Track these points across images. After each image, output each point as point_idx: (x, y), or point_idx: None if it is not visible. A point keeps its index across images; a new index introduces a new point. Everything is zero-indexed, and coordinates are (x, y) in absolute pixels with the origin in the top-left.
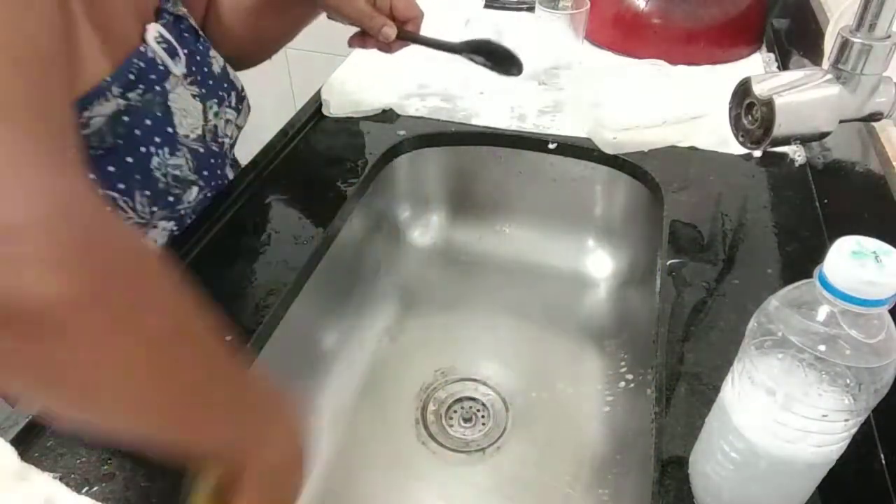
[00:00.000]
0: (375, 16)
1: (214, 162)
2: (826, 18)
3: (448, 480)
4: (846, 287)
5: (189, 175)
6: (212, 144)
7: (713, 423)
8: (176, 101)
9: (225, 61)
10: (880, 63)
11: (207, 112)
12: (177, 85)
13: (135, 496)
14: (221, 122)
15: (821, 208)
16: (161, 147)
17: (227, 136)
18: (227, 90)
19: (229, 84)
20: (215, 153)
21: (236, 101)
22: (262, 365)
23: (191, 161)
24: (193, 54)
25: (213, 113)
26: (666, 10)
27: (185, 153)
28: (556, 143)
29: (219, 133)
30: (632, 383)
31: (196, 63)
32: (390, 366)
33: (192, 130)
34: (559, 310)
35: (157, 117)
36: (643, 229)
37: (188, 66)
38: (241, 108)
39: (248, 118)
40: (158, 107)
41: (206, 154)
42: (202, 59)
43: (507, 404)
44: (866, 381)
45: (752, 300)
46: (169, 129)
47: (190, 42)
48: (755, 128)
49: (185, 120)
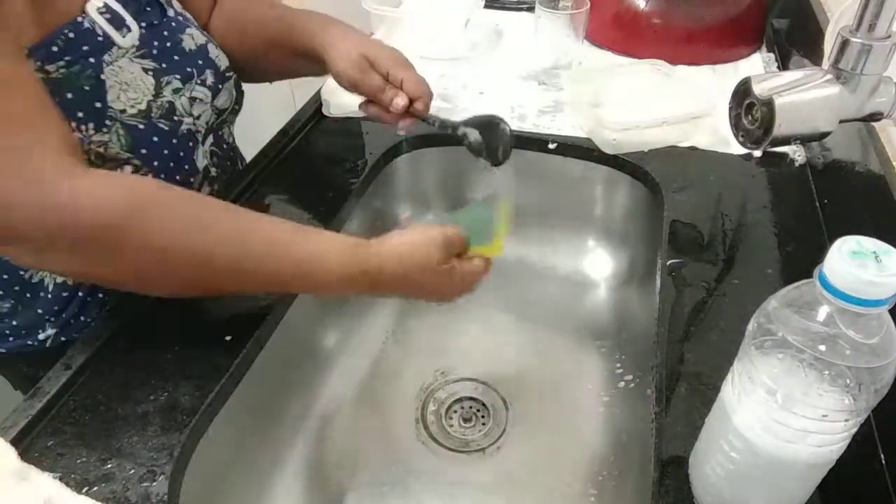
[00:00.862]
0: (388, 89)
1: (159, 141)
2: (826, 18)
3: (448, 480)
4: (846, 287)
5: (121, 153)
6: (160, 122)
7: (713, 423)
8: (117, 74)
9: (211, 41)
10: (880, 63)
11: (162, 88)
12: (120, 57)
13: (135, 496)
14: (183, 100)
15: (821, 208)
16: (84, 122)
17: (189, 115)
18: (201, 68)
19: (206, 62)
20: (163, 132)
21: (214, 79)
22: (263, 365)
23: (124, 138)
24: (157, 28)
25: (171, 89)
26: (666, 10)
27: (116, 129)
28: (556, 143)
29: (177, 111)
30: (632, 383)
31: (158, 37)
32: (390, 366)
33: (132, 105)
34: (559, 310)
35: (82, 91)
36: (643, 229)
37: (145, 39)
38: (222, 88)
39: (236, 102)
40: (86, 80)
41: (146, 131)
42: (171, 34)
43: (507, 404)
44: (866, 381)
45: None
46: (97, 104)
47: (153, 15)
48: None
49: (125, 94)
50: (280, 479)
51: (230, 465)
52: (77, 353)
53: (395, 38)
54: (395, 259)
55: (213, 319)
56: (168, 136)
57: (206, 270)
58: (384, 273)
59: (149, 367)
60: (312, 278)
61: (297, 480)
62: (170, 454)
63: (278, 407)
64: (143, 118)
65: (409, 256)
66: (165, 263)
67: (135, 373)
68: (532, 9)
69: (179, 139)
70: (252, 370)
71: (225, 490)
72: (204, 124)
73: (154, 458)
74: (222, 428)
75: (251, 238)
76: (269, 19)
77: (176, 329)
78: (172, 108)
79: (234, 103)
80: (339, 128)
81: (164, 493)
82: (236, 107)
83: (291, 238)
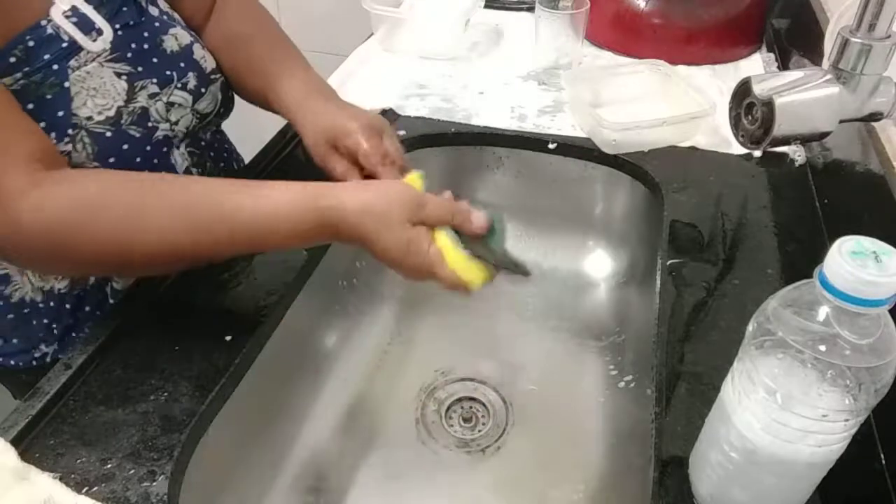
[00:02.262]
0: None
1: (129, 148)
2: (826, 18)
3: (448, 480)
4: (846, 287)
5: (86, 163)
6: (130, 129)
7: (713, 423)
8: (84, 81)
9: (198, 41)
10: (880, 63)
11: (135, 93)
12: (89, 62)
13: (135, 496)
14: (159, 105)
15: (821, 208)
16: (46, 132)
17: (165, 121)
18: (183, 70)
19: (189, 64)
20: (134, 139)
21: (197, 83)
22: (263, 365)
23: (89, 146)
24: (133, 29)
25: (146, 94)
26: (666, 10)
27: (81, 138)
28: (556, 143)
29: (151, 117)
30: (632, 383)
31: (135, 39)
32: (390, 366)
33: (99, 112)
34: (559, 310)
35: (44, 100)
36: (643, 229)
37: (119, 42)
38: (205, 91)
39: (222, 105)
40: (49, 88)
41: (115, 139)
42: (150, 35)
43: (507, 404)
44: (866, 381)
45: (752, 300)
46: (60, 112)
47: (128, 16)
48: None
49: (94, 100)
50: (280, 479)
51: (230, 465)
52: (77, 354)
53: (395, 39)
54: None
55: (213, 319)
56: (140, 142)
57: (164, 249)
58: (346, 224)
59: (149, 367)
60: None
61: (297, 480)
62: (170, 454)
63: (278, 407)
64: (111, 125)
65: (368, 210)
66: (120, 256)
67: (135, 373)
68: (532, 9)
69: (153, 146)
70: (252, 370)
71: (225, 490)
72: (183, 129)
73: (154, 458)
74: (222, 428)
75: (198, 209)
76: (261, 64)
77: (176, 329)
78: (146, 113)
79: (220, 106)
80: None
81: (164, 493)
82: (222, 110)
83: (241, 198)
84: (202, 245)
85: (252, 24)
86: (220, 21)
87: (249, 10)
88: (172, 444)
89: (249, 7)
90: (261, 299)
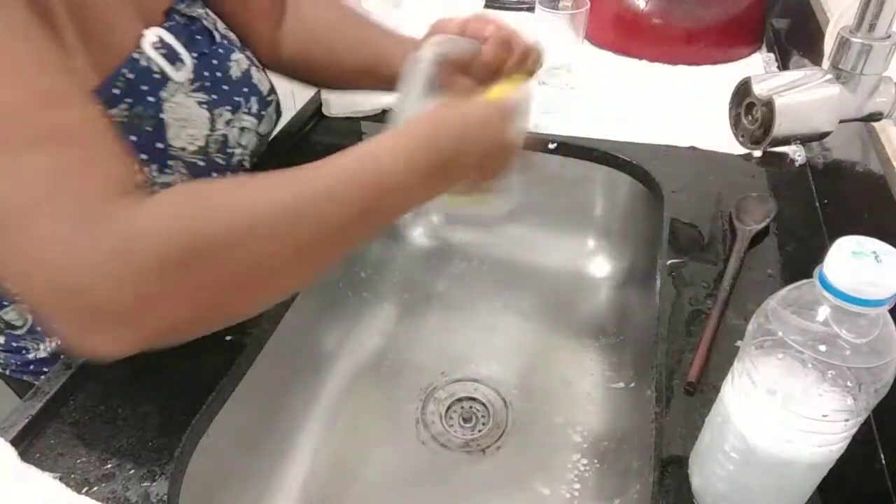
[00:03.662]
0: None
1: (218, 176)
2: (826, 18)
3: (448, 480)
4: (846, 287)
5: None
6: (216, 156)
7: (713, 423)
8: (174, 111)
9: (254, 63)
10: (880, 63)
11: (216, 121)
12: (177, 93)
13: (135, 496)
14: (234, 131)
15: (821, 208)
16: (148, 164)
17: (239, 146)
18: (247, 95)
19: (251, 88)
20: (220, 166)
21: (259, 106)
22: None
23: (186, 177)
24: (206, 58)
25: (223, 122)
26: (666, 10)
27: (178, 168)
28: (556, 143)
29: (229, 143)
30: (632, 383)
31: (209, 67)
32: (390, 366)
33: (191, 142)
34: (559, 310)
35: (144, 132)
36: (643, 229)
37: (197, 70)
38: (265, 114)
39: (276, 124)
40: (148, 120)
41: (206, 167)
42: (219, 63)
43: (507, 404)
44: (866, 381)
45: (752, 300)
46: (159, 144)
47: (203, 45)
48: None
49: (185, 131)
50: (280, 479)
51: (230, 465)
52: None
53: None
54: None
55: None
56: (224, 169)
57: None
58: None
59: (149, 367)
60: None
61: (297, 480)
62: (170, 454)
63: (278, 407)
64: (202, 154)
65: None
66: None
67: (135, 373)
68: (532, 9)
69: (233, 170)
70: (252, 370)
71: (225, 490)
72: (250, 153)
73: (154, 458)
74: (222, 428)
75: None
76: (358, 42)
77: None
78: (226, 140)
79: (274, 126)
80: (340, 127)
81: (164, 493)
82: (273, 129)
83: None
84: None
85: (334, 10)
86: (299, 13)
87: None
88: (172, 444)
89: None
90: None
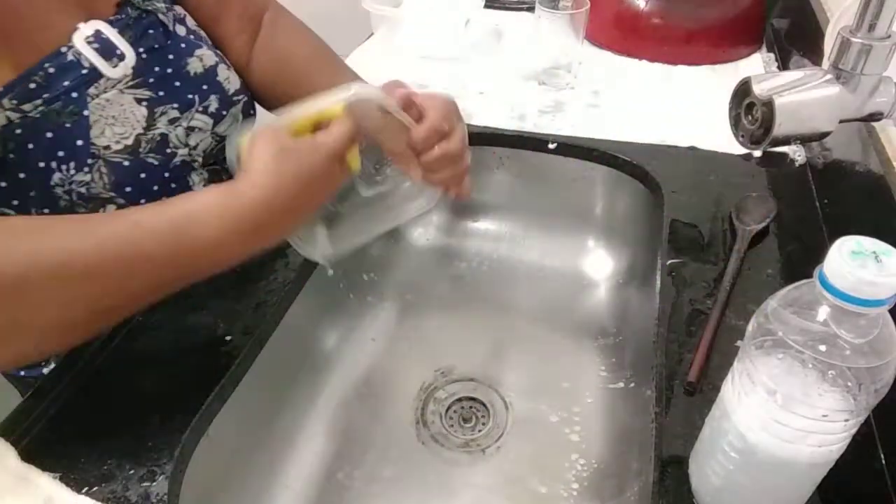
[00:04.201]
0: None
1: (147, 177)
2: (826, 18)
3: (448, 480)
4: (846, 287)
5: (102, 192)
6: (149, 157)
7: (713, 423)
8: (103, 108)
9: (224, 61)
10: (880, 63)
11: (155, 119)
12: (108, 89)
13: (135, 496)
14: (179, 131)
15: (821, 208)
16: (65, 161)
17: (186, 146)
18: (205, 93)
19: (212, 86)
20: (152, 167)
21: (219, 105)
22: (263, 365)
23: (107, 176)
24: (158, 53)
25: (165, 120)
26: (666, 10)
27: (98, 167)
28: (556, 143)
29: (170, 143)
30: (632, 383)
31: (160, 63)
32: (390, 366)
33: (117, 141)
34: (559, 310)
35: (63, 129)
36: (643, 229)
37: (143, 66)
38: (227, 114)
39: (242, 126)
40: (68, 117)
41: (133, 168)
42: (176, 58)
43: (507, 404)
44: (866, 380)
45: (752, 300)
46: (80, 142)
47: (155, 39)
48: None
49: (112, 129)
50: (280, 479)
51: (230, 465)
52: (77, 353)
53: (395, 38)
54: (261, 168)
55: (213, 319)
56: (158, 170)
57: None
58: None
59: (149, 367)
60: (189, 234)
61: (296, 480)
62: (170, 454)
63: (278, 407)
64: (129, 154)
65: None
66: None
67: (135, 372)
68: (532, 9)
69: (172, 171)
70: (252, 370)
71: (225, 490)
72: (201, 153)
73: (154, 458)
74: (222, 428)
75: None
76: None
77: (176, 329)
78: (165, 140)
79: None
80: None
81: (164, 493)
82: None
83: (150, 211)
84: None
85: (308, 45)
86: (273, 41)
87: (300, 31)
88: (172, 444)
89: (300, 28)
90: (261, 299)
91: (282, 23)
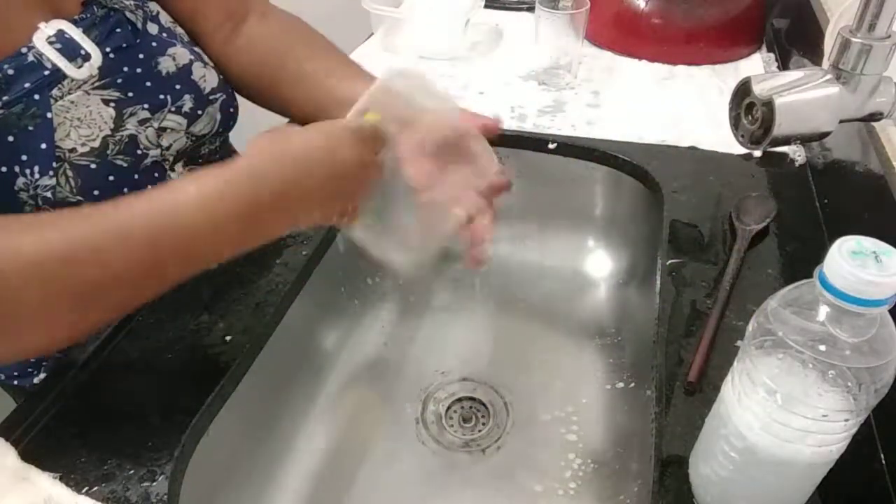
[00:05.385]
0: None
1: (116, 180)
2: (826, 18)
3: (448, 480)
4: (846, 287)
5: (69, 196)
6: (117, 159)
7: (713, 423)
8: (67, 110)
9: (200, 59)
10: (880, 63)
11: (124, 120)
12: (73, 90)
13: (135, 496)
14: (149, 132)
15: (821, 208)
16: (29, 165)
17: (158, 147)
18: (178, 93)
19: (186, 85)
20: (121, 169)
21: (194, 105)
22: (263, 365)
23: (73, 180)
24: (126, 52)
25: (135, 121)
26: (666, 10)
27: (64, 170)
28: (556, 143)
29: (140, 144)
30: (631, 383)
31: (129, 62)
32: (390, 366)
33: (83, 143)
34: (559, 310)
35: (25, 132)
36: (643, 229)
37: (110, 66)
38: (202, 113)
39: (221, 125)
40: (30, 119)
41: (100, 170)
42: (146, 57)
43: (507, 404)
44: (866, 380)
45: (752, 300)
46: (43, 145)
47: (123, 38)
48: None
49: (78, 131)
50: (280, 479)
51: (230, 465)
52: (77, 353)
53: (395, 38)
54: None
55: (214, 319)
56: (127, 172)
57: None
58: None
59: (149, 367)
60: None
61: (296, 480)
62: (170, 454)
63: (278, 407)
64: (95, 157)
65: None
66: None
67: (135, 372)
68: (532, 9)
69: (142, 173)
70: (252, 370)
71: (225, 490)
72: (174, 153)
73: (154, 458)
74: (222, 428)
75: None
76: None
77: (176, 329)
78: (134, 141)
79: (219, 126)
80: None
81: (164, 493)
82: (221, 129)
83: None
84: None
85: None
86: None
87: (296, 25)
88: (172, 443)
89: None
90: (261, 299)
91: (271, 16)
